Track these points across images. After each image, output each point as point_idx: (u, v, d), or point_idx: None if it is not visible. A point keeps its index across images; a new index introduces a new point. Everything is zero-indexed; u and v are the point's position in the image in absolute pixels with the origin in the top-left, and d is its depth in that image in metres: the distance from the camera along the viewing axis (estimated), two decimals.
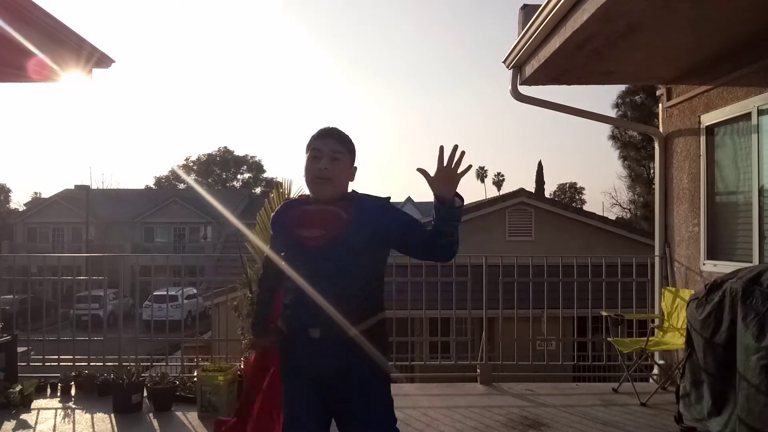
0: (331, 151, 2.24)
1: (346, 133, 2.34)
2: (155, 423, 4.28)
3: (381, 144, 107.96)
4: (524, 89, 5.35)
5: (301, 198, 2.44)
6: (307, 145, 2.31)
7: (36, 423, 4.27)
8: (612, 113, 28.87)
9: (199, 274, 18.08)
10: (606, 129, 36.81)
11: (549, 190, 60.90)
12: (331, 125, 2.34)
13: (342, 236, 2.17)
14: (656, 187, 5.76)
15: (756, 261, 4.20)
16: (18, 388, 4.61)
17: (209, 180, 62.13)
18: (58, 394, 4.91)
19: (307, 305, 2.16)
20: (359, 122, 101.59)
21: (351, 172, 2.33)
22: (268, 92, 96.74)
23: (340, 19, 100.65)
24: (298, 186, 4.91)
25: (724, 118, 4.68)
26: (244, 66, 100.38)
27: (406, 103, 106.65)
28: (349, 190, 2.35)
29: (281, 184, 4.92)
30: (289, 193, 4.86)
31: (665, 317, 5.11)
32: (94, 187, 46.23)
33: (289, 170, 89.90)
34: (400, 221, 2.23)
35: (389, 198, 2.33)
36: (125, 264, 6.13)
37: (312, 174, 2.24)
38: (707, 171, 4.91)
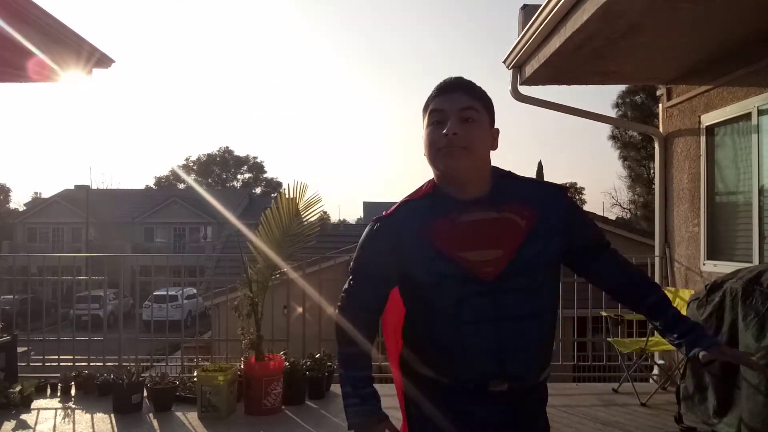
0: (460, 109, 1.56)
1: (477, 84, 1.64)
2: (155, 423, 4.28)
3: (380, 145, 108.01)
4: (524, 89, 5.35)
5: (424, 193, 1.65)
6: (424, 108, 1.63)
7: (36, 423, 4.27)
8: (612, 113, 28.92)
9: (199, 274, 18.10)
10: (606, 129, 36.86)
11: None
12: (455, 75, 1.64)
13: (521, 255, 1.55)
14: (656, 187, 5.76)
15: (756, 261, 4.20)
16: (18, 388, 4.61)
17: (209, 180, 62.15)
18: (58, 394, 4.91)
19: (487, 352, 1.54)
20: (358, 122, 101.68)
21: (492, 138, 1.63)
22: (268, 92, 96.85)
23: (339, 20, 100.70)
24: (314, 191, 4.81)
25: (724, 118, 4.68)
26: (244, 66, 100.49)
27: (405, 102, 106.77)
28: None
29: (284, 191, 4.82)
30: (299, 199, 4.78)
31: None
32: (94, 187, 46.31)
33: (289, 170, 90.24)
34: (593, 229, 1.74)
35: (568, 189, 1.72)
36: (125, 264, 6.13)
37: (436, 145, 1.56)
38: (707, 171, 4.91)
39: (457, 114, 1.55)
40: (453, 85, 1.61)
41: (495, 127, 1.64)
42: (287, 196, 4.77)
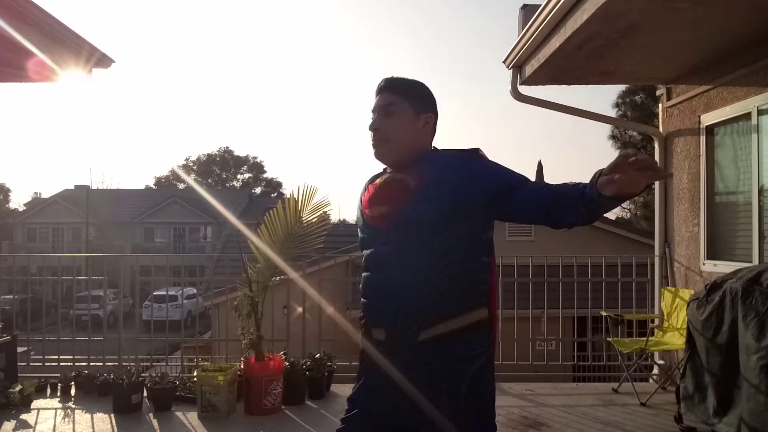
0: (382, 106, 1.83)
1: (408, 78, 1.90)
2: (155, 423, 4.28)
3: None
4: (524, 89, 5.35)
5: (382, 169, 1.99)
6: None
7: (36, 423, 4.27)
8: (612, 113, 28.88)
9: (199, 274, 18.10)
10: (606, 129, 36.82)
11: None
12: (390, 76, 1.90)
13: (406, 211, 1.73)
14: (656, 187, 5.76)
15: (756, 261, 4.20)
16: (18, 388, 4.61)
17: (209, 180, 62.14)
18: (58, 394, 4.91)
19: (370, 299, 1.81)
20: (359, 122, 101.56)
21: (417, 125, 1.84)
22: (269, 92, 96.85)
23: (339, 20, 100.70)
24: (324, 195, 4.78)
25: (724, 118, 4.68)
26: (244, 66, 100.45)
27: None
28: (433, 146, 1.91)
29: (292, 193, 4.74)
30: (307, 201, 4.70)
31: (665, 317, 5.11)
32: (94, 187, 46.30)
33: (289, 170, 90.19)
34: (493, 177, 1.72)
35: (477, 149, 1.81)
36: (125, 264, 6.13)
37: (370, 140, 1.86)
38: (707, 171, 4.91)
39: (382, 111, 1.84)
40: (380, 88, 1.88)
41: (427, 113, 1.86)
42: (296, 197, 4.70)
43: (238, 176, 65.45)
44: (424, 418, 1.68)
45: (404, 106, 1.82)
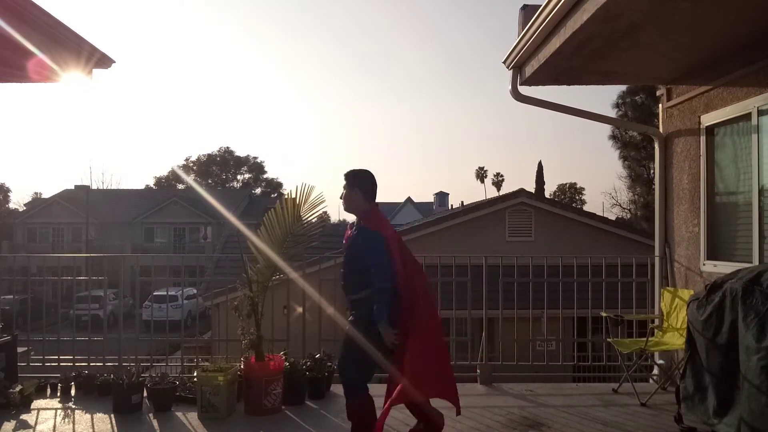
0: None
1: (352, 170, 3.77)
2: (155, 423, 4.28)
3: (380, 145, 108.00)
4: (524, 89, 5.35)
5: None
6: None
7: (36, 423, 4.27)
8: (612, 113, 28.96)
9: (199, 274, 18.08)
10: (606, 129, 36.88)
11: (549, 190, 61.00)
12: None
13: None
14: (656, 187, 5.76)
15: (756, 261, 4.20)
16: (18, 388, 4.61)
17: (209, 180, 62.12)
18: (58, 394, 4.91)
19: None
20: (358, 123, 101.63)
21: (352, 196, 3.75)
22: (269, 92, 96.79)
23: (338, 20, 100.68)
24: (319, 193, 4.76)
25: (724, 119, 4.68)
26: (244, 66, 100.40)
27: (405, 103, 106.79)
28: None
29: (290, 192, 4.78)
30: (304, 200, 4.70)
31: (665, 318, 5.11)
32: (94, 187, 46.34)
33: (289, 171, 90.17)
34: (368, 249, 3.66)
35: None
36: (125, 264, 6.12)
37: None
38: (707, 171, 4.91)
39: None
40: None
41: (357, 188, 3.72)
42: (293, 197, 4.70)
43: (238, 176, 65.44)
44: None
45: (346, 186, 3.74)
